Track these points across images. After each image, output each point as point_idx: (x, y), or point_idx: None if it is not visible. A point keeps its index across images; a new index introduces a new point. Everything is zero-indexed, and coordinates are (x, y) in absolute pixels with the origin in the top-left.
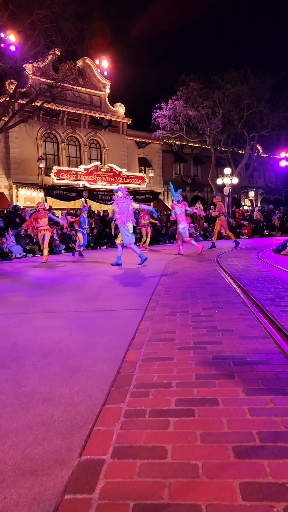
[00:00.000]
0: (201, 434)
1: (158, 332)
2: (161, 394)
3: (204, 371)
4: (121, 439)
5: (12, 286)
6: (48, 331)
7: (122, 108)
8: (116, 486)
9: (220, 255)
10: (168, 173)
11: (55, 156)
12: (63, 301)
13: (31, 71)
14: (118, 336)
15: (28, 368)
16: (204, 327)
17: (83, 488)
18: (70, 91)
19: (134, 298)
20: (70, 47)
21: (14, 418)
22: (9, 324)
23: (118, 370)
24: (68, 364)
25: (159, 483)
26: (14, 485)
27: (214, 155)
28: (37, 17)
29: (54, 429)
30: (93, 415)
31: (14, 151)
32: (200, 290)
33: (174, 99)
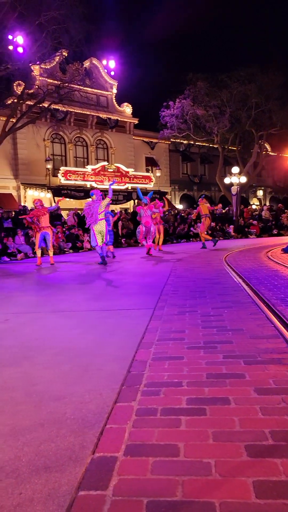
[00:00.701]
0: (213, 433)
1: (168, 331)
2: (172, 393)
3: (214, 370)
4: (133, 437)
5: (21, 286)
6: (58, 330)
7: (129, 108)
8: (130, 483)
9: (228, 255)
10: (175, 173)
11: (62, 157)
12: (72, 301)
13: (38, 72)
14: (127, 335)
15: (39, 366)
16: (213, 326)
17: (97, 485)
18: (77, 92)
19: (143, 298)
20: (78, 48)
21: (27, 416)
22: (20, 323)
23: (129, 369)
24: (78, 362)
25: (172, 480)
26: (29, 481)
27: (222, 154)
28: (45, 19)
29: (66, 426)
30: (104, 413)
31: (22, 152)
32: (209, 290)
33: (181, 98)
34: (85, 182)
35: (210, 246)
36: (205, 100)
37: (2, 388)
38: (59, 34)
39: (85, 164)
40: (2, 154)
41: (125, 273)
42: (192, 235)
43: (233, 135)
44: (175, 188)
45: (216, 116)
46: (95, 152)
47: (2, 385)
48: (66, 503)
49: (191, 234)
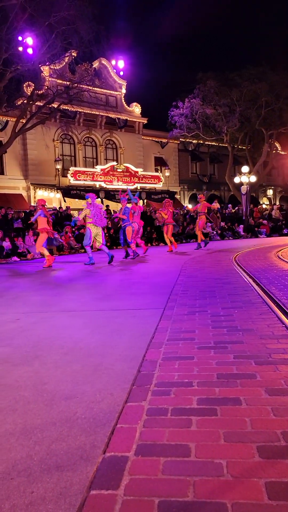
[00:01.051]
0: (224, 433)
1: (178, 331)
2: (182, 393)
3: (225, 370)
4: (144, 437)
5: (31, 286)
6: (68, 329)
7: (138, 108)
8: (141, 482)
9: (238, 255)
10: (184, 172)
11: (71, 157)
12: (82, 300)
13: (48, 73)
14: (137, 335)
15: (50, 365)
16: (224, 326)
17: (108, 484)
18: (86, 92)
19: (152, 298)
20: (87, 48)
21: (38, 415)
22: (30, 322)
23: (139, 369)
24: (89, 362)
25: (184, 481)
26: (41, 480)
27: (232, 153)
28: (54, 20)
29: (77, 425)
30: (115, 412)
31: (32, 152)
32: (219, 290)
33: (190, 98)
34: (94, 182)
35: (209, 246)
36: (215, 99)
37: (14, 387)
38: (68, 34)
39: (94, 164)
40: (12, 155)
41: (134, 272)
42: None
43: (242, 134)
44: (184, 188)
45: (226, 115)
46: (104, 152)
47: (13, 384)
48: (78, 502)
49: None
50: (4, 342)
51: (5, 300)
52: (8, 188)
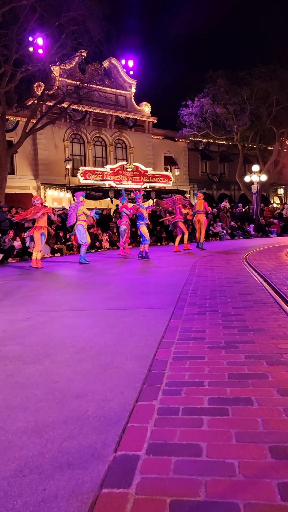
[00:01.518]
0: (236, 433)
1: (188, 331)
2: (193, 392)
3: (236, 370)
4: (155, 436)
5: (41, 285)
6: (78, 328)
7: (148, 107)
8: (152, 482)
9: (249, 254)
10: (194, 172)
11: (81, 157)
12: (91, 299)
13: (58, 73)
14: (147, 334)
15: (60, 364)
16: (234, 326)
17: (119, 483)
18: (96, 92)
19: (162, 297)
20: (97, 48)
21: (49, 413)
22: (41, 321)
23: (149, 368)
24: (99, 361)
25: (196, 480)
26: (53, 477)
27: (242, 152)
28: (64, 20)
29: (88, 424)
30: (126, 411)
31: (42, 152)
32: (229, 289)
33: (200, 97)
34: (104, 182)
35: (219, 246)
36: (225, 98)
37: (25, 385)
38: (78, 34)
39: (104, 164)
40: (23, 155)
41: (144, 272)
42: (211, 234)
43: (253, 132)
44: (194, 187)
45: (236, 113)
46: (114, 152)
47: (25, 382)
48: (90, 500)
49: (210, 233)
50: (16, 340)
51: (16, 299)
52: (18, 188)
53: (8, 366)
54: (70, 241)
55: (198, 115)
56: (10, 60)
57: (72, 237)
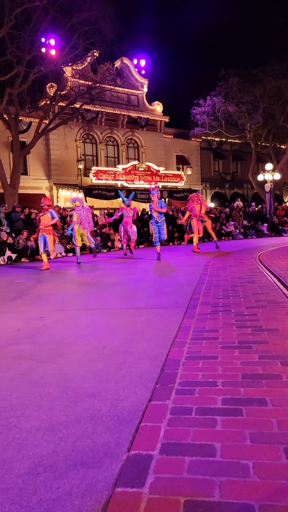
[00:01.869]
0: (250, 434)
1: (201, 330)
2: (207, 392)
3: (250, 370)
4: (168, 436)
5: (54, 284)
6: (91, 327)
7: (160, 106)
8: (166, 481)
9: (262, 253)
10: (206, 171)
11: (93, 157)
12: (104, 299)
13: (70, 73)
14: (160, 334)
15: (74, 363)
16: (248, 326)
17: (133, 482)
18: (108, 92)
19: (175, 297)
20: (109, 48)
21: (63, 412)
22: (54, 320)
23: (162, 368)
24: (112, 360)
25: (210, 481)
26: (67, 476)
27: (255, 150)
28: (76, 21)
29: (101, 423)
30: (139, 411)
31: (55, 153)
32: (242, 289)
33: (212, 95)
34: (116, 182)
35: (232, 245)
36: (238, 96)
37: (39, 384)
38: (90, 34)
39: (116, 164)
40: (35, 155)
41: (157, 271)
42: (224, 234)
43: (266, 131)
44: (207, 186)
45: (249, 112)
46: (126, 152)
47: (39, 381)
48: (104, 499)
49: (223, 233)
50: (29, 339)
51: (29, 298)
52: (31, 188)
53: (22, 364)
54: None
55: (210, 114)
56: (23, 61)
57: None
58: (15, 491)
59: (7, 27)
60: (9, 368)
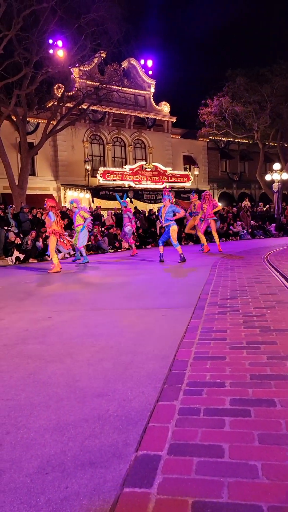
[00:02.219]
0: (258, 435)
1: (209, 331)
2: (215, 393)
3: (258, 371)
4: (176, 436)
5: (62, 284)
6: (98, 328)
7: (167, 106)
8: (174, 482)
9: (270, 254)
10: (214, 171)
11: (101, 157)
12: (112, 299)
13: (77, 74)
14: (167, 334)
15: (81, 363)
16: (256, 326)
17: (141, 482)
18: (115, 92)
19: (182, 297)
20: (116, 48)
21: (71, 411)
22: (62, 320)
23: (170, 368)
24: (119, 360)
25: (218, 481)
26: (75, 476)
27: (263, 150)
28: (84, 22)
29: (109, 423)
30: (147, 411)
31: (62, 154)
32: (250, 289)
33: (220, 95)
34: (123, 182)
35: (240, 245)
36: (245, 96)
37: (47, 384)
38: (97, 35)
39: (123, 164)
40: (43, 156)
41: (164, 272)
42: (231, 234)
43: (274, 130)
44: (214, 186)
45: (256, 112)
46: (133, 152)
47: (47, 381)
48: (112, 499)
49: (230, 233)
50: (38, 339)
51: (38, 298)
52: (39, 189)
53: (30, 364)
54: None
55: (217, 114)
56: (31, 63)
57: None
58: (24, 490)
59: (15, 29)
60: (18, 368)
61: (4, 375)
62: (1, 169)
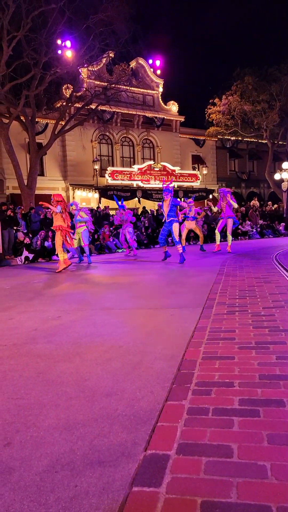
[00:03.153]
0: (267, 435)
1: (217, 331)
2: (223, 393)
3: (267, 371)
4: (185, 436)
5: (70, 284)
6: (107, 327)
7: (175, 106)
8: (183, 482)
9: (279, 253)
10: (222, 170)
11: (109, 157)
12: (120, 299)
13: (86, 75)
14: (176, 334)
15: (90, 362)
16: (265, 326)
17: (150, 482)
18: (123, 92)
19: (191, 297)
20: (124, 48)
21: (80, 411)
22: (71, 320)
23: (179, 368)
24: (128, 360)
25: (227, 481)
26: (84, 474)
27: (271, 149)
28: (92, 22)
29: (118, 422)
30: (155, 411)
31: (71, 154)
32: (259, 289)
33: (228, 95)
34: (131, 182)
35: (248, 245)
36: (253, 95)
37: (56, 383)
38: (106, 36)
39: (132, 164)
40: (52, 156)
41: (172, 271)
42: (240, 233)
43: (283, 129)
44: (222, 186)
45: (265, 110)
46: (142, 152)
47: (56, 380)
48: (120, 498)
49: (239, 232)
50: (47, 338)
51: (47, 298)
52: (48, 189)
53: (40, 363)
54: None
55: (226, 113)
56: (40, 64)
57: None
58: (34, 488)
59: (24, 30)
60: (27, 367)
61: (13, 374)
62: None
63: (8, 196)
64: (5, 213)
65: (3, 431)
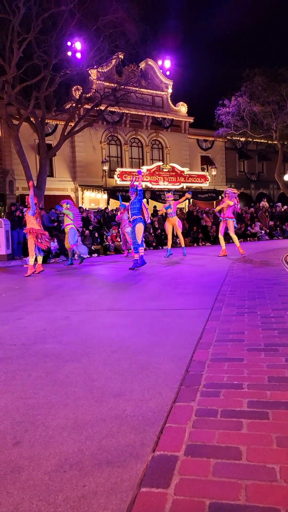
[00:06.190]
0: (277, 438)
1: (226, 332)
2: (232, 394)
3: (276, 373)
4: (193, 437)
5: (79, 284)
6: (115, 328)
7: (184, 107)
8: (191, 483)
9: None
10: (231, 171)
11: (118, 158)
12: (128, 299)
13: (95, 76)
14: (184, 335)
15: (98, 363)
16: (274, 328)
17: (158, 483)
18: (133, 93)
19: (199, 298)
20: (134, 50)
21: (88, 411)
22: (80, 320)
23: (187, 369)
24: (136, 360)
25: (235, 484)
26: (92, 474)
27: (281, 150)
28: (102, 24)
29: (126, 423)
30: (164, 412)
31: (80, 155)
32: (268, 291)
33: (237, 95)
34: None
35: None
36: (263, 96)
37: (65, 383)
38: (115, 37)
39: (141, 165)
40: (61, 157)
41: (181, 272)
42: (249, 235)
43: None
44: (232, 187)
45: (275, 111)
46: (150, 153)
47: (65, 380)
48: (129, 498)
49: (248, 234)
50: (55, 339)
51: (55, 298)
52: (57, 189)
53: (48, 363)
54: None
55: (235, 114)
56: (50, 65)
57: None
58: (42, 487)
59: (34, 32)
60: (36, 367)
61: (22, 373)
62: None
63: (18, 197)
64: (15, 214)
65: (12, 430)
